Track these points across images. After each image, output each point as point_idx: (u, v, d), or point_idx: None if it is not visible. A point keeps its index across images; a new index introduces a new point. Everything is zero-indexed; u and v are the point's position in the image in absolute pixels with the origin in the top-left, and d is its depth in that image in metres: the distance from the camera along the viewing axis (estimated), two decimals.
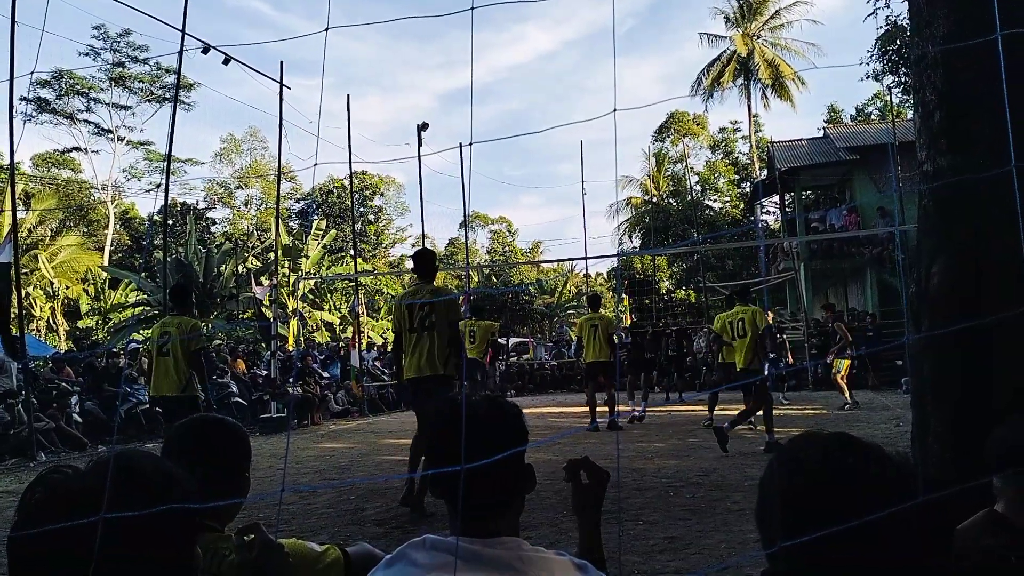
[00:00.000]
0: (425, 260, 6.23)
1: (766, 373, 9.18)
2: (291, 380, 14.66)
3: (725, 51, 34.70)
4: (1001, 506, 1.61)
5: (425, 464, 1.39)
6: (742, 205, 35.93)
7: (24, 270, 22.68)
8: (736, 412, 8.79)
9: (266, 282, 18.64)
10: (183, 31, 12.91)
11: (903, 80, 18.54)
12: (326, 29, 1.50)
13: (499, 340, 16.89)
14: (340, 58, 72.62)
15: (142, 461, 1.00)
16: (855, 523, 0.82)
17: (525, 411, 1.43)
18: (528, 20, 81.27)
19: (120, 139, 36.20)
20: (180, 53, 13.11)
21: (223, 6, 65.26)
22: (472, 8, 1.32)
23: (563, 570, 1.28)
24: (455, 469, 1.18)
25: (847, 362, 12.94)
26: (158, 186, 35.22)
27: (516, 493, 1.36)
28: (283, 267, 23.87)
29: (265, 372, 15.63)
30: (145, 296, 25.15)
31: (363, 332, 19.10)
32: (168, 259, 19.05)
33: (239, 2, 68.82)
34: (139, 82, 35.01)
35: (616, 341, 11.08)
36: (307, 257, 27.24)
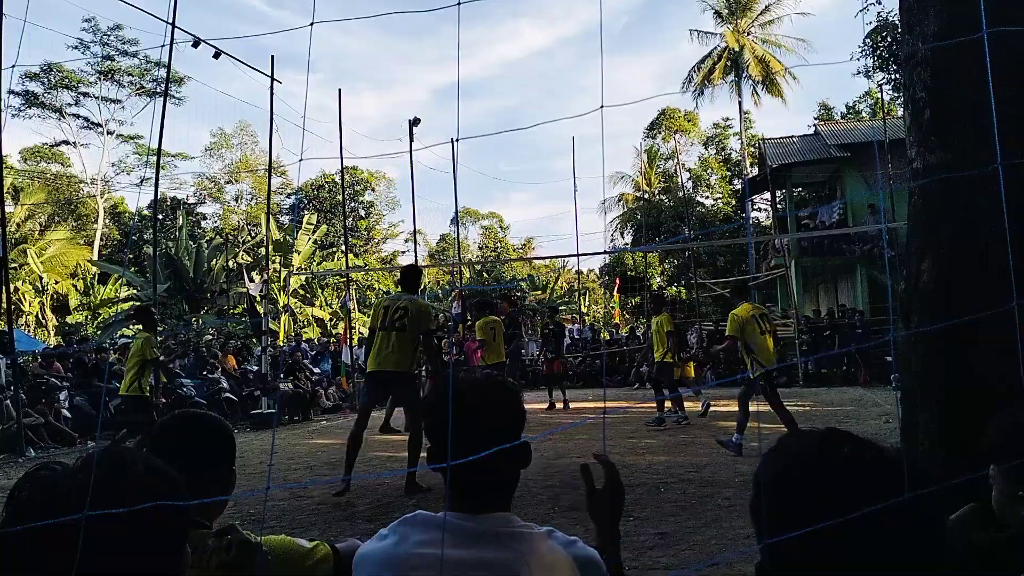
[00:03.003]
0: (407, 274, 7.12)
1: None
2: (280, 376, 14.63)
3: (716, 48, 34.75)
4: (993, 498, 1.61)
5: (427, 440, 1.41)
6: (734, 202, 36.03)
7: (13, 265, 22.56)
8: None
9: (257, 278, 18.60)
10: (172, 24, 12.84)
11: (893, 77, 18.61)
12: (311, 23, 1.50)
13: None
14: (333, 53, 72.46)
15: (132, 458, 1.00)
16: (848, 517, 0.82)
17: None
18: (523, 16, 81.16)
19: (109, 133, 36.01)
20: (171, 47, 13.04)
21: (215, 0, 64.98)
22: (459, 3, 1.32)
23: (547, 544, 1.29)
24: (449, 464, 1.19)
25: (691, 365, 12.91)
26: (143, 180, 35.08)
27: (510, 469, 1.37)
28: (274, 262, 23.79)
29: (256, 368, 15.59)
30: (135, 291, 25.03)
31: (354, 328, 19.07)
32: (158, 254, 18.96)
33: None
34: (128, 76, 34.82)
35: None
36: (298, 252, 27.17)
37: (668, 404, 10.90)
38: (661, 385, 11.00)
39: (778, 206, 25.71)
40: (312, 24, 1.50)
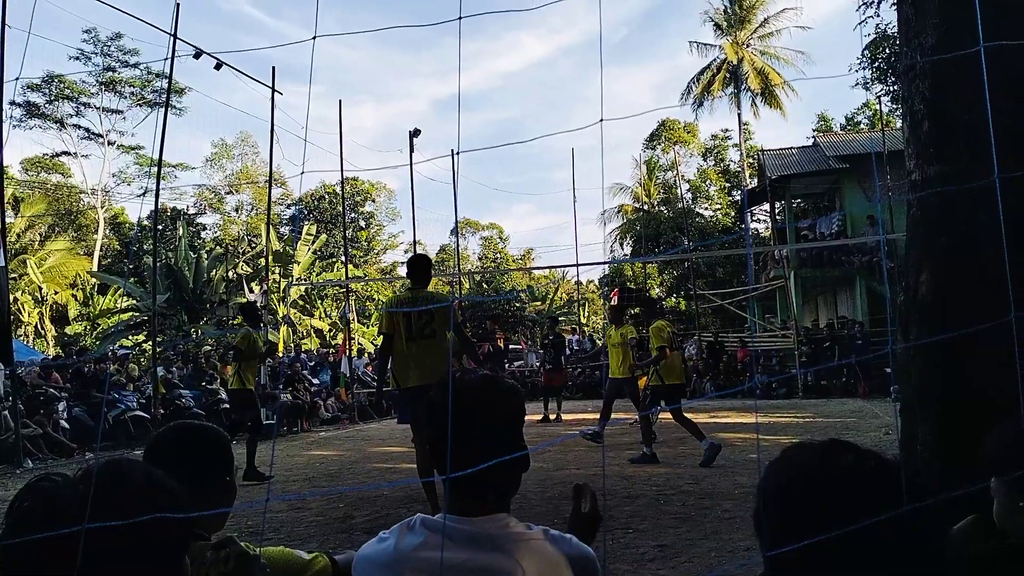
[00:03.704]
0: (420, 266, 6.13)
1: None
2: (279, 386, 14.60)
3: (715, 59, 34.92)
4: (994, 510, 1.61)
5: (427, 443, 1.41)
6: (733, 213, 36.10)
7: (12, 275, 22.56)
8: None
9: (257, 288, 18.60)
10: (174, 36, 12.89)
11: (892, 88, 18.67)
12: (314, 38, 1.52)
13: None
14: (334, 65, 72.64)
15: (133, 470, 1.00)
16: (851, 528, 0.83)
17: None
18: (523, 28, 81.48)
19: (110, 143, 36.08)
20: (172, 58, 13.09)
21: (217, 11, 65.28)
22: (460, 18, 1.34)
23: (545, 545, 1.30)
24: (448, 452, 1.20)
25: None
26: (145, 192, 35.11)
27: (512, 472, 1.36)
28: (273, 273, 23.78)
29: (255, 379, 15.54)
30: (134, 302, 25.01)
31: (353, 339, 19.06)
32: (158, 264, 18.97)
33: (233, 7, 68.84)
34: (130, 86, 34.92)
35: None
36: (297, 263, 27.18)
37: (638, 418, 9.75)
38: (638, 401, 10.07)
39: (777, 217, 25.72)
40: (315, 38, 1.51)
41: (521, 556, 1.25)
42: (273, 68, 16.20)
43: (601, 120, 1.41)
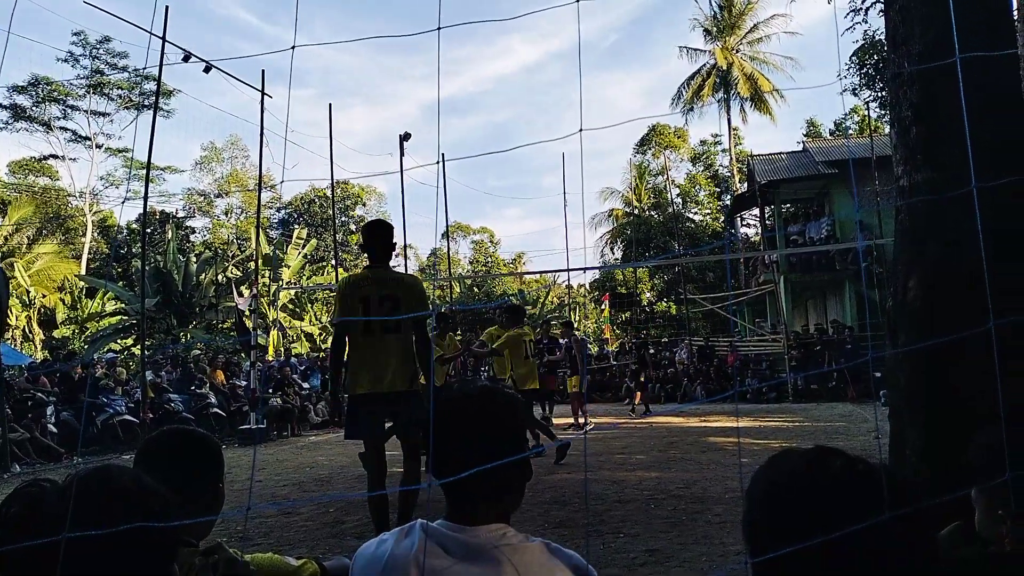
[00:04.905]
0: (377, 234, 4.71)
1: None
2: (268, 390, 14.54)
3: (705, 65, 35.08)
4: (976, 518, 1.63)
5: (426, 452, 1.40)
6: (722, 217, 36.25)
7: None
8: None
9: (247, 292, 18.52)
10: (163, 39, 12.85)
11: (880, 94, 18.79)
12: (292, 47, 1.54)
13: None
14: (325, 68, 72.66)
15: (122, 476, 0.99)
16: (841, 533, 0.83)
17: None
18: (514, 33, 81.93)
19: (98, 146, 35.89)
20: (160, 61, 13.05)
21: (209, 15, 65.19)
22: (439, 28, 1.35)
23: (543, 557, 1.29)
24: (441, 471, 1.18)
25: (575, 378, 12.85)
26: (128, 196, 34.91)
27: (511, 482, 1.35)
28: (263, 277, 23.70)
29: (244, 383, 15.50)
30: (123, 305, 24.88)
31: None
32: (146, 268, 18.87)
33: (225, 11, 68.75)
34: (118, 89, 34.77)
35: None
36: (287, 266, 27.09)
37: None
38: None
39: (767, 222, 25.83)
40: (294, 48, 1.53)
41: (515, 566, 1.24)
42: (263, 71, 16.16)
43: (581, 130, 1.44)
